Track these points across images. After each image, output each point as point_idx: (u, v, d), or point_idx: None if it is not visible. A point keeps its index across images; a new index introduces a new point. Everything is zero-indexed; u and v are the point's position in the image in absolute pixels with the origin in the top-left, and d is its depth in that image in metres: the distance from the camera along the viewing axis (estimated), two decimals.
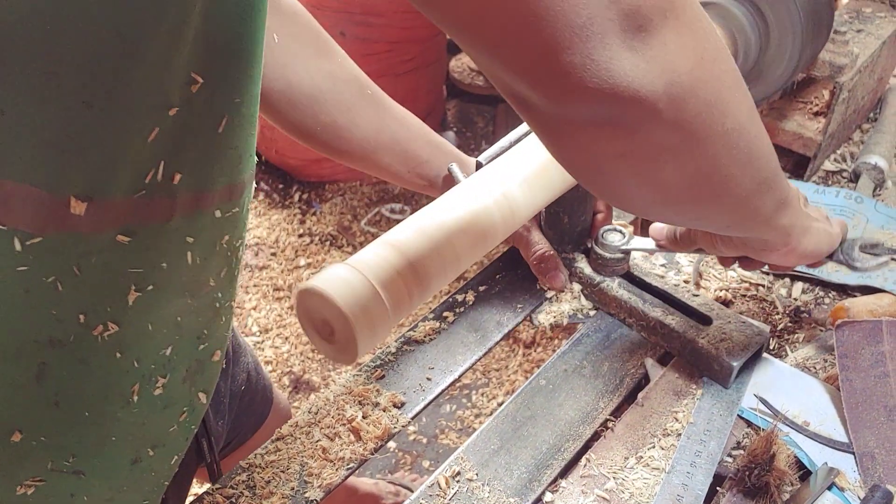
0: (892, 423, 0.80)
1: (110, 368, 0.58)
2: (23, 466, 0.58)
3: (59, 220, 0.50)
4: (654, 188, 0.53)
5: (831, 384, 0.86)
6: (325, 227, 2.39)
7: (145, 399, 0.62)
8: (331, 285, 0.62)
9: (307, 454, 0.77)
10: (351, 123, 0.87)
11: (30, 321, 0.53)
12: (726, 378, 0.82)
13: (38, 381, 0.55)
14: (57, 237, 0.50)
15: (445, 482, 0.75)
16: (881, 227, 1.04)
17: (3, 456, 0.57)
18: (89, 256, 0.53)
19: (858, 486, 0.76)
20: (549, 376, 0.85)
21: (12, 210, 0.48)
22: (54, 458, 0.59)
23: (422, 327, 0.90)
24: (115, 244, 0.53)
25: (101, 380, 0.58)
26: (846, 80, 1.06)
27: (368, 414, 0.80)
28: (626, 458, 0.77)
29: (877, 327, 0.86)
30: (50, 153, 0.47)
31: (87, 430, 0.60)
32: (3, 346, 0.53)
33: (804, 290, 0.99)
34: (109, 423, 0.61)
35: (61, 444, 0.59)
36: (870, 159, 1.14)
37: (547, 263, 0.91)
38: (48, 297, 0.53)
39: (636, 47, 0.43)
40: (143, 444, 0.64)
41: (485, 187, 0.74)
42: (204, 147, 0.54)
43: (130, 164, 0.50)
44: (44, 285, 0.52)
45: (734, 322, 0.85)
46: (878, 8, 1.20)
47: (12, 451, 0.57)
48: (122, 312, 0.57)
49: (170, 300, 0.60)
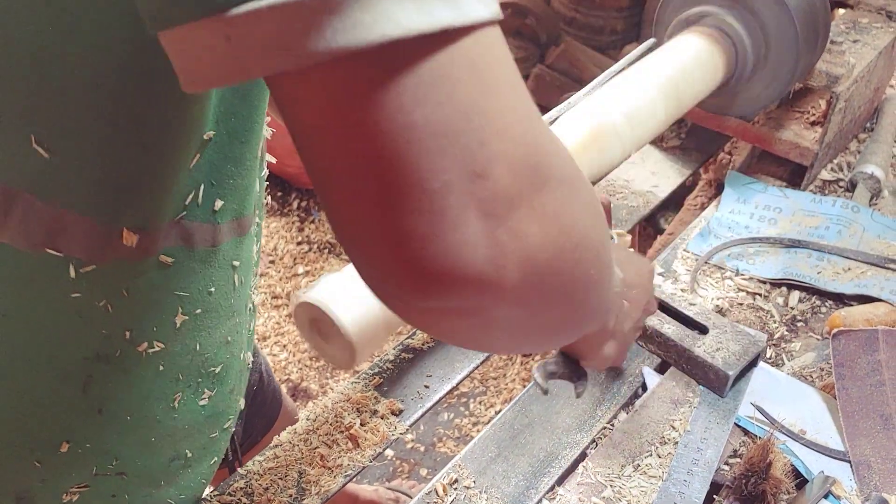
0: (888, 431, 0.80)
1: (152, 378, 0.60)
2: (69, 475, 0.60)
3: (111, 249, 0.52)
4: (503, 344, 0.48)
5: (828, 393, 0.86)
6: (323, 235, 2.39)
7: (188, 407, 0.64)
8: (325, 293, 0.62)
9: (305, 461, 0.77)
10: None
11: (80, 341, 0.55)
12: (722, 387, 0.82)
13: (83, 393, 0.57)
14: (109, 265, 0.52)
15: (443, 489, 0.75)
16: (877, 237, 1.05)
17: (51, 467, 0.58)
18: (136, 279, 0.54)
19: (854, 495, 0.76)
20: None
21: (69, 239, 0.50)
22: (99, 464, 0.61)
23: (420, 335, 0.90)
24: (159, 265, 0.55)
25: (142, 387, 0.60)
26: (842, 90, 1.06)
27: (366, 421, 0.80)
28: (623, 465, 0.77)
29: (873, 336, 0.86)
30: (107, 190, 0.49)
31: (128, 434, 0.61)
32: (53, 364, 0.55)
33: (801, 299, 0.99)
34: (150, 426, 0.62)
35: (105, 449, 0.61)
36: (866, 169, 1.15)
37: None
38: (99, 319, 0.55)
39: (494, 235, 0.36)
40: (182, 445, 0.66)
41: None
42: (245, 173, 0.56)
43: (175, 193, 0.52)
44: (95, 308, 0.54)
45: (730, 331, 0.86)
46: (874, 19, 1.21)
47: (60, 460, 0.58)
48: (169, 333, 0.59)
49: (220, 323, 0.62)
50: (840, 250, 1.02)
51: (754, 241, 1.05)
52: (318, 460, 0.77)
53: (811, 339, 0.94)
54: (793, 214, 1.09)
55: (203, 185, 0.53)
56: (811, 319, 0.97)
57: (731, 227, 1.07)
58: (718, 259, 1.03)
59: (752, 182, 1.13)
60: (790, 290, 1.00)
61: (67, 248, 0.50)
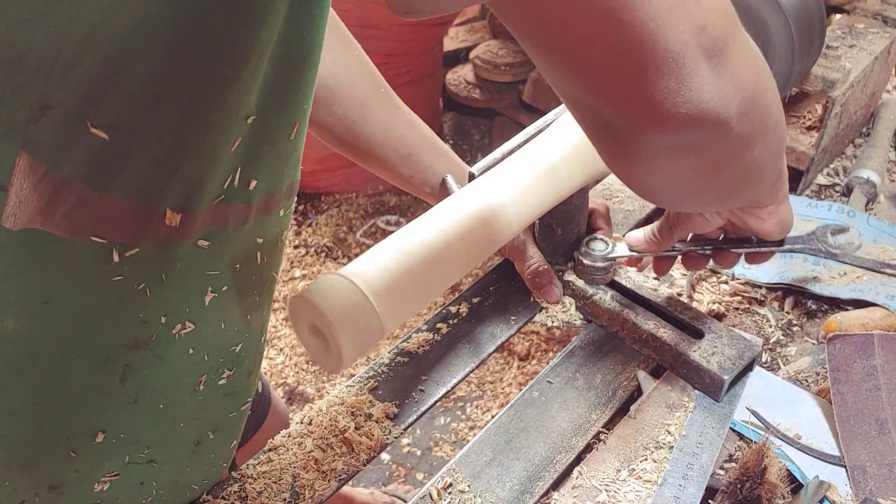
0: (884, 436, 0.80)
1: (183, 362, 0.62)
2: (103, 465, 0.61)
3: (154, 231, 0.53)
4: (715, 190, 0.59)
5: (823, 397, 0.86)
6: (320, 239, 2.39)
7: (210, 387, 0.65)
8: (318, 293, 0.62)
9: (299, 465, 0.77)
10: (362, 119, 0.88)
11: (119, 327, 0.56)
12: (718, 391, 0.82)
13: (121, 382, 0.58)
14: (151, 247, 0.53)
15: (437, 494, 0.75)
16: (873, 241, 1.05)
17: (86, 456, 0.60)
18: (175, 262, 0.56)
19: (850, 500, 0.76)
20: (542, 388, 0.85)
21: (114, 223, 0.51)
22: (132, 453, 0.62)
23: (415, 339, 0.90)
24: (196, 249, 0.56)
25: (174, 373, 0.61)
26: (838, 95, 1.07)
27: (361, 425, 0.80)
28: (618, 470, 0.77)
29: (868, 341, 0.86)
30: (152, 169, 0.50)
31: (159, 421, 0.63)
32: (92, 352, 0.56)
33: (797, 303, 0.99)
34: (178, 411, 0.64)
35: (138, 438, 0.62)
36: (862, 174, 1.15)
37: (541, 278, 0.91)
38: (138, 303, 0.56)
39: (719, 73, 0.47)
40: (204, 427, 0.68)
41: (477, 198, 0.75)
42: (278, 154, 0.57)
43: (216, 174, 0.53)
44: (135, 292, 0.55)
45: (726, 335, 0.85)
46: (870, 24, 1.21)
47: (95, 450, 0.60)
48: (199, 312, 0.60)
49: (242, 299, 0.63)
50: None
51: None
52: (313, 464, 0.77)
53: (807, 344, 0.94)
54: None
55: (240, 167, 0.55)
56: (807, 324, 0.97)
57: None
58: None
59: None
60: (786, 295, 1.00)
61: (112, 233, 0.51)
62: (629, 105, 0.48)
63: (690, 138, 0.49)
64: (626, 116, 0.49)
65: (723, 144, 0.51)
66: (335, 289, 0.63)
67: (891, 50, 1.21)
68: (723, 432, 0.80)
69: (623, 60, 0.46)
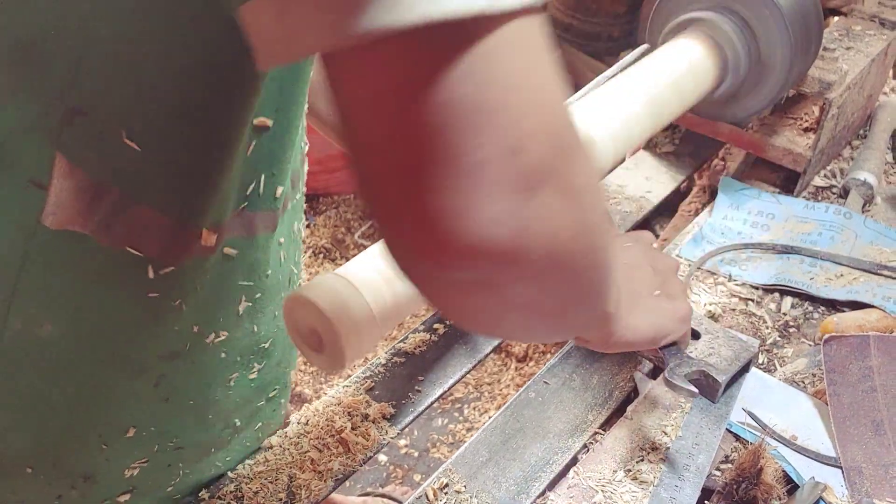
0: (880, 437, 0.80)
1: (216, 365, 0.64)
2: (132, 454, 0.64)
3: (190, 249, 0.54)
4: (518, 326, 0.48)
5: (819, 399, 0.86)
6: (318, 240, 2.39)
7: (241, 383, 0.68)
8: (315, 292, 0.62)
9: (296, 465, 0.77)
10: None
11: (155, 340, 0.58)
12: (714, 392, 0.82)
13: (155, 388, 0.61)
14: (187, 265, 0.55)
15: (433, 494, 0.75)
16: (870, 243, 1.05)
17: (117, 448, 0.62)
18: (206, 275, 0.57)
19: (845, 501, 0.76)
20: (539, 389, 0.85)
21: (149, 237, 0.52)
22: (160, 442, 0.65)
23: (412, 339, 0.90)
24: (224, 257, 0.58)
25: (206, 375, 0.64)
26: (835, 97, 1.07)
27: (357, 425, 0.80)
28: (614, 471, 0.77)
29: (864, 342, 0.86)
30: (184, 185, 0.52)
31: (189, 415, 0.66)
32: (129, 364, 0.58)
33: (793, 304, 0.99)
34: (209, 406, 0.67)
35: (167, 430, 0.65)
36: (859, 175, 1.15)
37: None
38: (173, 317, 0.57)
39: (522, 210, 0.37)
40: (232, 416, 0.71)
41: None
42: (294, 155, 0.59)
43: (238, 183, 0.55)
44: (171, 308, 0.57)
45: (723, 336, 0.86)
46: (867, 26, 1.21)
47: (125, 443, 0.63)
48: (232, 322, 0.62)
49: (271, 301, 0.66)
50: (832, 256, 1.03)
51: (747, 247, 1.05)
52: (309, 464, 0.77)
53: (803, 345, 0.94)
54: (786, 220, 1.09)
55: (264, 174, 0.56)
56: (804, 325, 0.97)
57: (725, 233, 1.08)
58: (711, 265, 1.03)
59: (746, 188, 1.14)
60: (783, 296, 1.00)
61: (146, 247, 0.53)
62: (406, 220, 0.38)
63: (474, 275, 0.39)
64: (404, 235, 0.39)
65: (523, 286, 0.41)
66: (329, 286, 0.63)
67: (888, 52, 1.21)
68: (719, 433, 0.81)
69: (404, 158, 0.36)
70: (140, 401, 0.61)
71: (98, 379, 0.58)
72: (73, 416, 0.59)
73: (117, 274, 0.53)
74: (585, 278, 0.45)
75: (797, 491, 0.76)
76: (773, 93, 1.02)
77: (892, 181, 1.21)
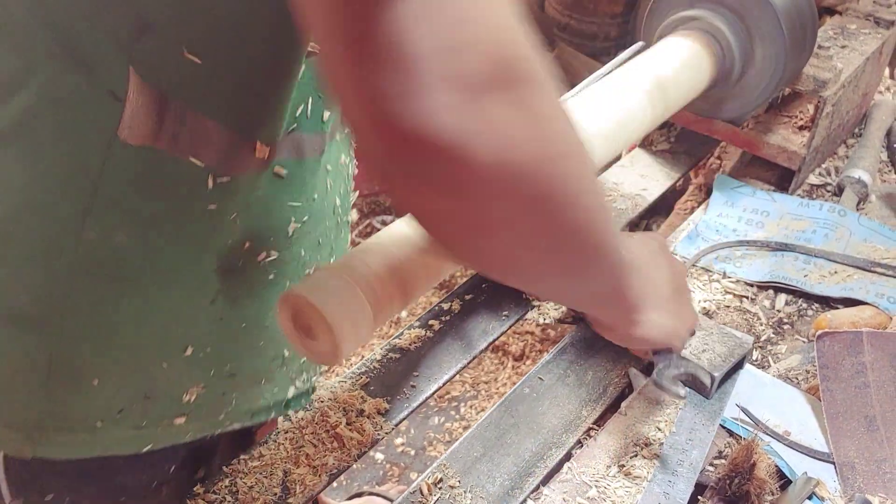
0: (872, 433, 0.81)
1: (266, 287, 0.68)
2: (190, 376, 0.67)
3: (245, 161, 0.58)
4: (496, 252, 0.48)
5: (813, 395, 0.87)
6: None
7: None
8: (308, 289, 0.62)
9: (290, 460, 0.77)
10: None
11: (213, 254, 0.62)
12: (708, 388, 0.83)
13: (211, 305, 0.65)
14: (240, 177, 0.59)
15: (427, 489, 0.75)
16: (864, 241, 1.05)
17: (176, 368, 0.66)
18: (256, 191, 0.61)
19: (838, 496, 0.77)
20: (533, 384, 0.85)
21: (210, 148, 0.56)
22: (216, 366, 0.68)
23: (407, 335, 0.90)
24: (273, 176, 0.62)
25: (257, 297, 0.68)
26: (830, 95, 1.07)
27: (352, 420, 0.80)
28: (608, 466, 0.77)
29: (857, 338, 0.87)
30: (242, 95, 0.56)
31: (242, 339, 0.69)
32: (189, 277, 0.62)
33: (787, 301, 1.00)
34: (260, 331, 0.70)
35: (222, 353, 0.68)
36: (854, 173, 1.15)
37: None
38: (229, 231, 0.62)
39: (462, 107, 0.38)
40: (282, 346, 0.74)
41: None
42: None
43: (290, 104, 0.58)
44: (227, 222, 0.61)
45: (717, 333, 0.86)
46: (862, 24, 1.22)
47: (184, 362, 0.66)
48: (282, 242, 0.66)
49: (317, 226, 0.69)
50: (827, 254, 1.03)
51: (742, 244, 1.05)
52: (304, 459, 0.77)
53: (797, 342, 0.94)
54: (780, 218, 1.10)
55: (311, 97, 0.60)
56: (797, 322, 0.97)
57: (719, 231, 1.08)
58: (706, 262, 1.04)
59: (741, 186, 1.14)
60: (777, 293, 1.01)
61: (208, 157, 0.57)
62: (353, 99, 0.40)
63: (426, 169, 0.40)
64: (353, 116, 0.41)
65: (482, 196, 0.42)
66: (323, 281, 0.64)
67: (882, 51, 1.21)
68: (712, 429, 0.81)
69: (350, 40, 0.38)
70: (198, 318, 0.64)
71: (162, 292, 0.61)
72: (138, 329, 0.62)
73: (183, 184, 0.57)
74: (559, 207, 0.46)
75: (790, 486, 0.76)
76: (768, 90, 1.03)
77: (887, 179, 1.21)
